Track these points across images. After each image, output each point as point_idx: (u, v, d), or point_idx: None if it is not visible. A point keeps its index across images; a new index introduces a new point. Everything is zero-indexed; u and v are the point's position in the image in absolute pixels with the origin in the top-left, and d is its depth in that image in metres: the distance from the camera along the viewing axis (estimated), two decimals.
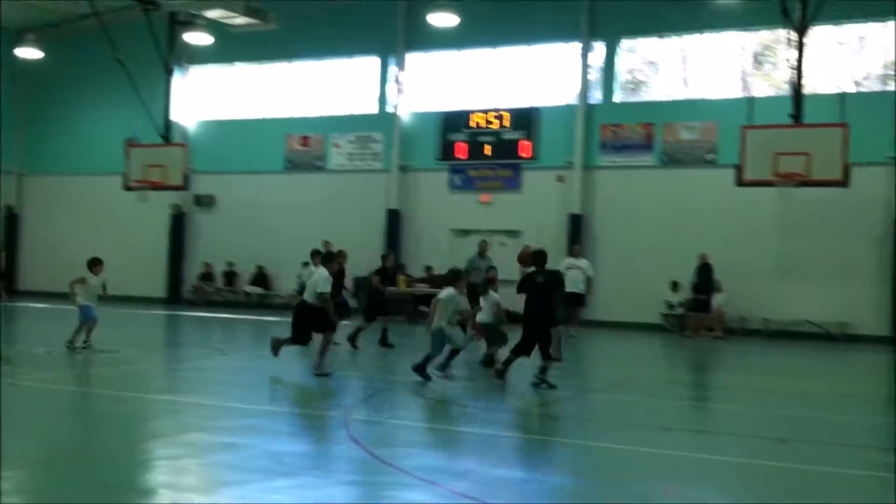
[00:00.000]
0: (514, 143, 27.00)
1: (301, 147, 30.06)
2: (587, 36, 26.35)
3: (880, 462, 9.01)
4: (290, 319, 13.99)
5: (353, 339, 17.51)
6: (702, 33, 25.44)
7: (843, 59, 24.13)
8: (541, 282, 12.93)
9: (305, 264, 26.22)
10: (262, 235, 29.75)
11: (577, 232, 25.83)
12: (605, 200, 26.00)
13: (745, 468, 8.45)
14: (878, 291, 22.83)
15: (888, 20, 23.48)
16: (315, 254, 18.74)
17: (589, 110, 26.34)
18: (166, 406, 10.72)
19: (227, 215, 30.61)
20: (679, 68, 26.07)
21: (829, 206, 22.42)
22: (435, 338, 12.89)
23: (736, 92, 24.70)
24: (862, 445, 9.69)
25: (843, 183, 19.89)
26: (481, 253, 20.14)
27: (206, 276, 30.85)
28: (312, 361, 13.49)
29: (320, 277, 13.28)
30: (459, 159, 27.63)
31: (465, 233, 27.04)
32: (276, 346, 13.91)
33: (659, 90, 26.23)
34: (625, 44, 26.45)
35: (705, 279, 23.39)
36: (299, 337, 13.66)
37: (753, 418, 11.54)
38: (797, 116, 20.72)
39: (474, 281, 19.93)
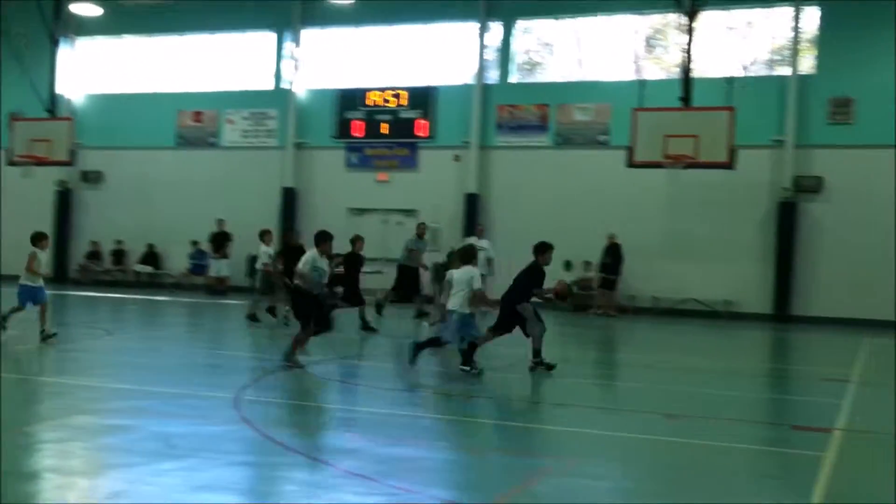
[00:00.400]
0: (411, 121, 26.96)
1: (194, 123, 29.42)
2: (484, 16, 26.43)
3: (762, 436, 9.36)
4: (178, 299, 13.68)
5: (253, 315, 17.24)
6: (596, 16, 25.79)
7: (731, 43, 24.77)
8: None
9: (195, 242, 25.89)
10: (152, 213, 29.05)
11: (473, 211, 25.97)
12: (501, 180, 26.20)
13: (636, 443, 8.65)
14: (761, 270, 23.61)
15: (775, 6, 24.20)
16: (264, 233, 18.52)
17: (485, 90, 26.46)
18: (52, 388, 10.43)
19: (116, 192, 29.77)
20: (574, 50, 26.38)
21: (716, 188, 23.04)
22: (456, 323, 11.93)
23: (628, 74, 25.12)
24: (745, 420, 10.04)
25: (730, 165, 20.49)
26: (420, 235, 20.14)
27: (94, 255, 29.99)
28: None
29: (308, 259, 12.11)
30: (356, 137, 27.45)
31: (361, 211, 26.93)
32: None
33: (554, 72, 26.51)
34: (521, 25, 26.63)
35: (614, 259, 23.70)
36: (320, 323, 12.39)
37: (644, 394, 11.83)
38: (686, 99, 21.23)
39: (411, 265, 19.84)
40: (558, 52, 26.57)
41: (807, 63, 23.92)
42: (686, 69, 21.40)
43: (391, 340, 16.00)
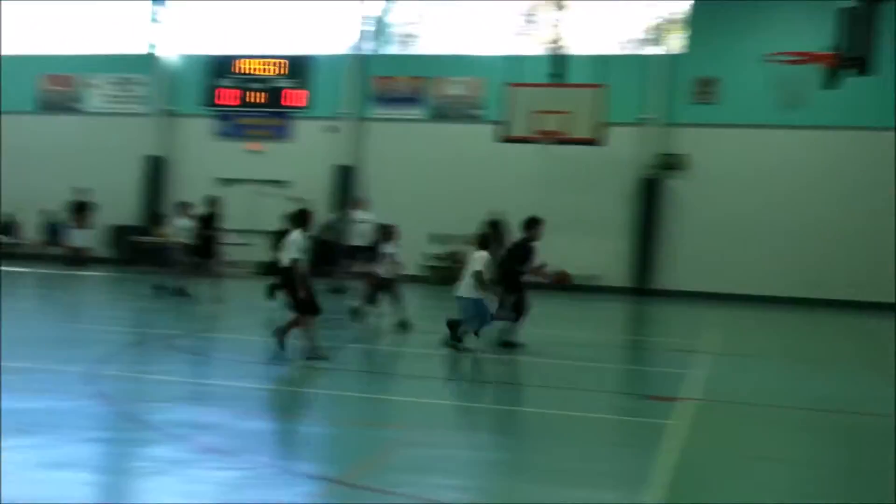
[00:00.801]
0: (285, 91, 26.53)
1: (55, 87, 28.24)
2: None
3: (618, 406, 9.63)
4: (35, 270, 13.15)
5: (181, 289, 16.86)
6: None
7: (604, 21, 25.17)
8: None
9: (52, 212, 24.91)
10: (9, 181, 27.77)
11: (347, 184, 25.80)
12: (376, 153, 26.08)
13: (494, 413, 8.79)
14: (625, 245, 24.23)
15: None
16: (182, 205, 17.79)
17: (362, 61, 26.24)
18: None
19: None
20: (450, 24, 26.37)
21: (585, 164, 23.48)
22: (471, 307, 11.79)
23: (503, 49, 25.28)
24: (603, 390, 10.30)
25: (599, 142, 20.93)
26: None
27: None
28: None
29: (294, 240, 11.06)
30: (228, 106, 26.87)
31: (231, 182, 26.36)
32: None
33: (430, 44, 26.45)
34: None
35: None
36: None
37: (507, 366, 12.01)
38: (559, 76, 21.56)
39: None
40: (435, 24, 26.52)
41: (673, 43, 24.54)
42: (558, 46, 21.72)
43: (250, 313, 15.75)
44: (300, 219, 11.30)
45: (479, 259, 11.82)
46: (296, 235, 11.03)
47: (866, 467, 7.33)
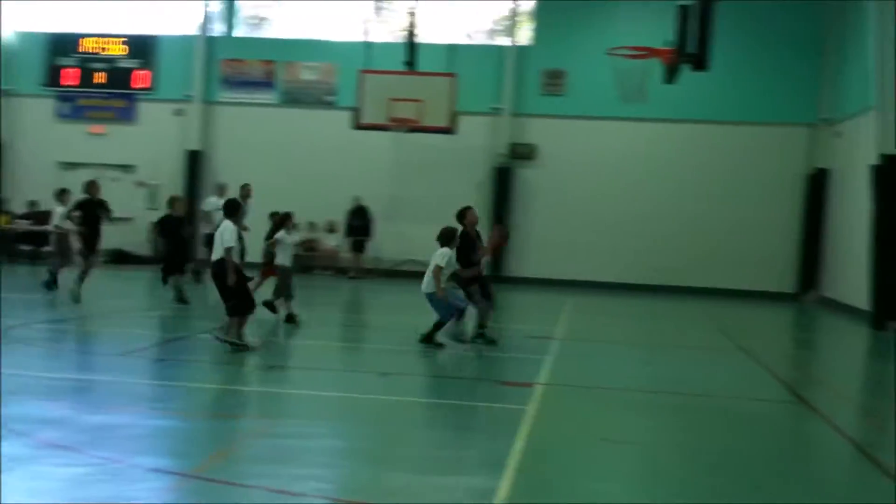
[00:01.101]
0: (130, 72, 25.66)
1: None
2: None
3: (472, 392, 9.80)
4: None
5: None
6: None
7: (455, 11, 25.40)
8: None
9: None
10: None
11: (196, 169, 25.22)
12: (227, 137, 25.56)
13: (350, 402, 8.81)
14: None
15: None
16: (61, 192, 16.67)
17: (210, 43, 25.64)
18: None
19: None
20: (301, 7, 26.06)
21: (438, 152, 23.71)
22: (440, 303, 11.63)
23: (356, 36, 25.18)
24: (457, 377, 10.47)
25: (451, 130, 21.17)
26: (244, 196, 18.52)
27: None
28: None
29: (225, 229, 10.75)
30: (68, 86, 25.78)
31: (72, 166, 25.35)
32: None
33: (281, 28, 26.08)
34: None
35: (363, 221, 23.63)
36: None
37: (365, 354, 12.06)
38: (411, 64, 21.65)
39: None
40: (286, 7, 26.15)
41: (524, 35, 25.01)
42: (411, 34, 21.80)
43: (98, 302, 15.26)
44: (230, 209, 11.00)
45: (439, 255, 11.76)
46: (226, 225, 10.72)
47: (707, 447, 7.71)
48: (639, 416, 8.78)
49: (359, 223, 23.62)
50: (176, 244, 15.87)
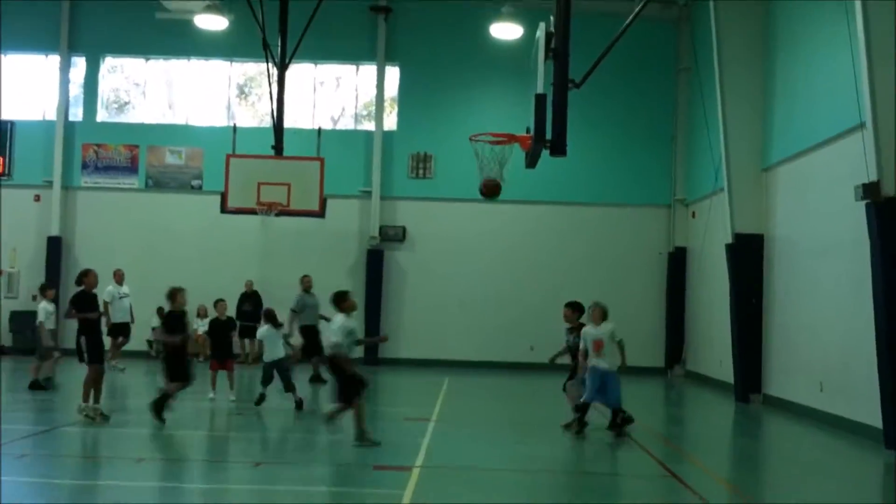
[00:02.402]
0: None
1: None
2: (67, 50, 25.12)
3: (346, 477, 9.67)
4: None
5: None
6: (189, 59, 25.52)
7: (321, 96, 25.68)
8: None
9: None
10: None
11: (56, 255, 24.41)
12: (88, 223, 24.88)
13: (216, 493, 8.56)
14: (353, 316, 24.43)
15: (362, 63, 25.47)
16: (45, 287, 17.10)
17: (69, 127, 25.09)
18: None
19: None
20: (166, 92, 25.89)
21: (309, 235, 23.65)
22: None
23: (222, 120, 25.12)
24: (331, 462, 10.29)
25: (321, 213, 21.16)
26: (306, 289, 18.69)
27: None
28: None
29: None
30: None
31: None
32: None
33: (145, 112, 25.77)
34: (108, 62, 25.69)
35: (254, 305, 22.90)
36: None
37: (232, 443, 11.74)
38: (279, 148, 21.65)
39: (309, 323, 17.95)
40: (150, 92, 25.91)
41: (390, 120, 25.41)
42: (278, 118, 21.86)
43: None
44: (338, 300, 11.71)
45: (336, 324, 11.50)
46: (336, 319, 11.54)
47: None
48: (513, 496, 8.82)
49: (250, 308, 22.94)
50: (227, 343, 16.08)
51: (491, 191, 13.07)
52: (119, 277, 20.48)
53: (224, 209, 21.08)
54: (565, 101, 13.45)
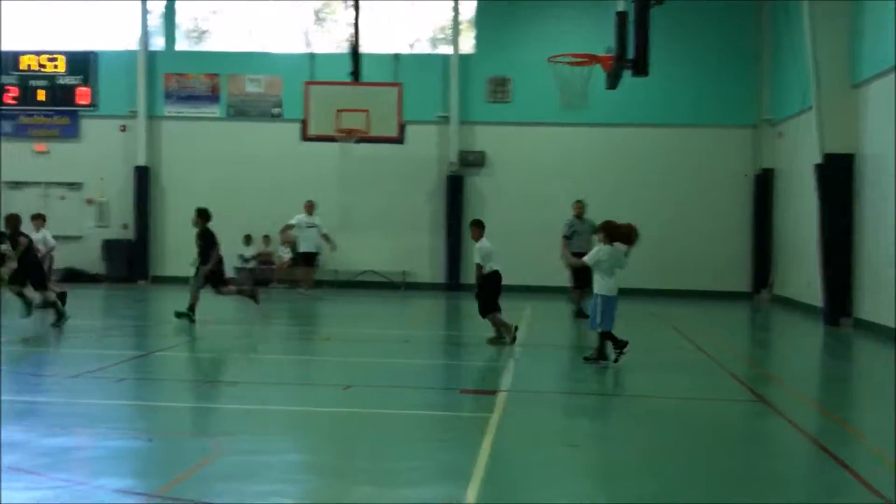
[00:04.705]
0: (71, 88, 25.28)
1: None
2: None
3: (433, 401, 9.82)
4: None
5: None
6: None
7: (398, 21, 25.44)
8: None
9: None
10: None
11: (143, 184, 24.93)
12: (173, 152, 25.29)
13: (311, 416, 8.78)
14: (433, 241, 24.62)
15: None
16: (35, 217, 16.97)
17: (151, 57, 25.37)
18: None
19: None
20: (243, 20, 25.91)
21: (388, 162, 23.72)
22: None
23: (299, 47, 25.11)
24: (417, 387, 10.47)
25: (399, 139, 21.20)
26: (578, 215, 18.24)
27: None
28: None
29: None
30: (8, 105, 25.33)
31: (18, 185, 24.93)
32: None
33: (223, 41, 25.87)
34: None
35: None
36: None
37: (322, 367, 12.02)
38: (356, 74, 21.65)
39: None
40: (227, 20, 25.97)
41: (467, 43, 25.12)
42: (355, 44, 21.81)
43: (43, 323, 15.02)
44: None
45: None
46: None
47: (670, 448, 7.80)
48: (599, 421, 8.87)
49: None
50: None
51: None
52: (309, 207, 20.77)
53: (304, 137, 21.26)
54: (647, 19, 13.15)
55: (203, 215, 16.11)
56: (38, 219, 17.29)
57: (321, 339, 14.71)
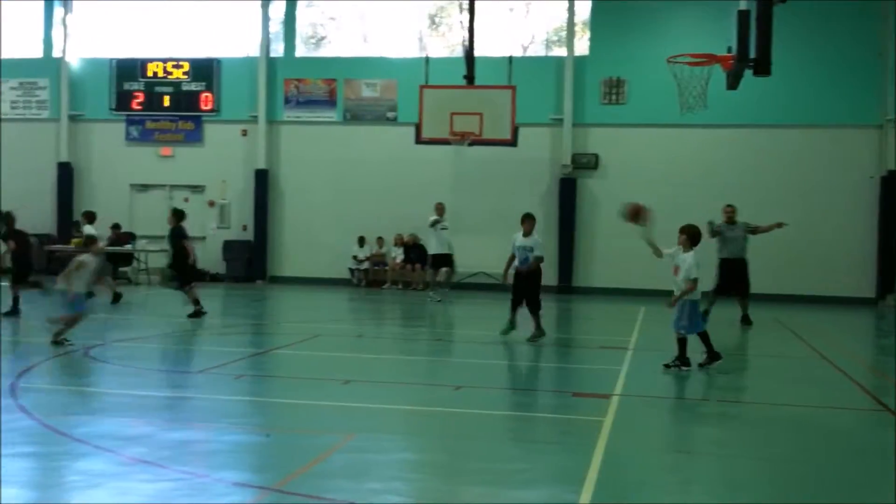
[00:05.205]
0: (195, 94, 26.15)
1: None
2: None
3: (545, 404, 9.80)
4: None
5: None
6: None
7: (511, 24, 25.48)
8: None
9: None
10: None
11: (263, 187, 25.58)
12: (291, 156, 25.89)
13: (423, 415, 8.87)
14: (545, 243, 24.43)
15: None
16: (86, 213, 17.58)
17: (271, 63, 26.02)
18: None
19: None
20: (359, 25, 26.36)
21: (500, 164, 23.73)
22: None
23: (414, 51, 25.39)
24: (529, 389, 10.46)
25: (513, 142, 21.19)
26: (729, 220, 17.73)
27: None
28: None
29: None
30: (136, 110, 26.36)
31: (145, 187, 25.95)
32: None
33: (340, 46, 26.37)
34: None
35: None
36: None
37: (433, 367, 12.12)
38: (470, 78, 21.74)
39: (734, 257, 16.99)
40: (344, 26, 26.46)
41: (581, 45, 24.95)
42: (469, 48, 21.90)
43: (175, 320, 15.56)
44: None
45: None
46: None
47: (789, 458, 7.58)
48: (716, 428, 8.68)
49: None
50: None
51: (634, 215, 12.54)
52: (440, 209, 21.02)
53: (418, 140, 21.46)
54: (770, 17, 12.83)
55: (177, 215, 16.86)
56: (86, 216, 17.96)
57: (433, 339, 14.82)
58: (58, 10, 26.77)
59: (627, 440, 7.85)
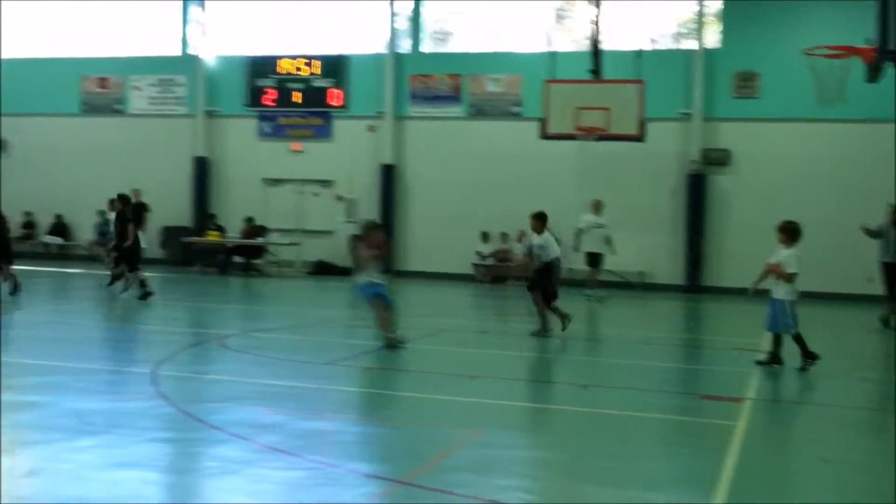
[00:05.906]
0: (324, 90, 26.67)
1: (99, 89, 28.60)
2: None
3: (674, 405, 9.63)
4: (90, 271, 13.34)
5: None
6: None
7: (639, 17, 25.06)
8: None
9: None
10: (59, 182, 28.16)
11: (389, 182, 25.92)
12: (416, 151, 26.14)
13: (551, 413, 8.84)
14: (673, 242, 24.09)
15: None
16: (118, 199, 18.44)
17: (398, 60, 26.31)
18: None
19: (22, 161, 28.73)
20: (485, 21, 26.36)
21: (627, 160, 23.39)
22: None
23: (539, 46, 25.23)
24: (658, 390, 10.30)
25: (640, 137, 20.85)
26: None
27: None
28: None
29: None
30: (268, 106, 27.07)
31: (276, 182, 26.63)
32: None
33: (466, 42, 26.45)
34: None
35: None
36: None
37: (560, 365, 12.06)
38: (596, 72, 21.48)
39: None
40: (469, 22, 26.53)
41: (712, 37, 24.38)
42: (595, 41, 21.65)
43: (304, 312, 15.91)
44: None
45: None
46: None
47: None
48: (860, 436, 8.36)
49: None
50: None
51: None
52: (596, 207, 21.00)
53: (544, 135, 21.32)
54: None
55: (122, 199, 18.18)
56: (116, 201, 18.83)
57: (556, 337, 14.71)
58: (195, 10, 27.69)
59: (761, 445, 7.66)
